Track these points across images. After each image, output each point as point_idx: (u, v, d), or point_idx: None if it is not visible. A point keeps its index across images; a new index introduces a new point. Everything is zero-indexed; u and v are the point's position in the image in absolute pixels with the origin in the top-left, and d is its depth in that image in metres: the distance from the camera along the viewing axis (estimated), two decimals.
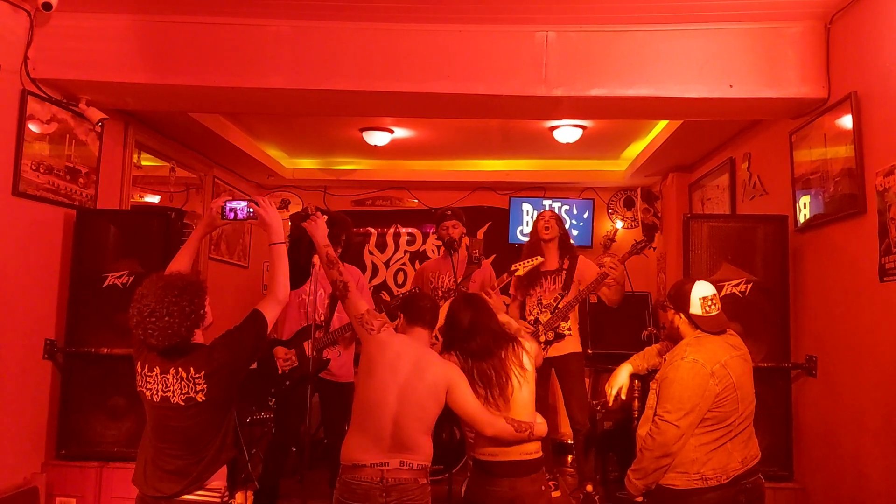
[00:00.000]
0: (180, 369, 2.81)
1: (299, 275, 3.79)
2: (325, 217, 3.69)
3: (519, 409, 3.59)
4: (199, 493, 2.82)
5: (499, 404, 3.48)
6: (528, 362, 3.65)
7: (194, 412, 2.81)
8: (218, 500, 2.87)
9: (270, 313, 3.00)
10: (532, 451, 3.60)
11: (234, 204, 3.19)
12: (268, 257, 3.18)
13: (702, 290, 3.34)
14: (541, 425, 3.59)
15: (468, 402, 3.41)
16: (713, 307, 3.33)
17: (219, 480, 2.89)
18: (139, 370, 2.88)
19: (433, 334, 3.70)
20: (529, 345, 3.75)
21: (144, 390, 2.86)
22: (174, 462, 2.83)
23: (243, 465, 5.58)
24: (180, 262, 3.17)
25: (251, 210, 3.16)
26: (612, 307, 5.15)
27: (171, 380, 2.81)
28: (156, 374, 2.83)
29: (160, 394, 2.82)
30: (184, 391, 2.80)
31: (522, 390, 3.60)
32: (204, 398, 2.79)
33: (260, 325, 2.95)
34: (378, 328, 3.45)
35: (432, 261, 5.99)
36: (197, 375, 2.79)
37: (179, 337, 2.76)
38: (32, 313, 4.43)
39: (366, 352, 3.47)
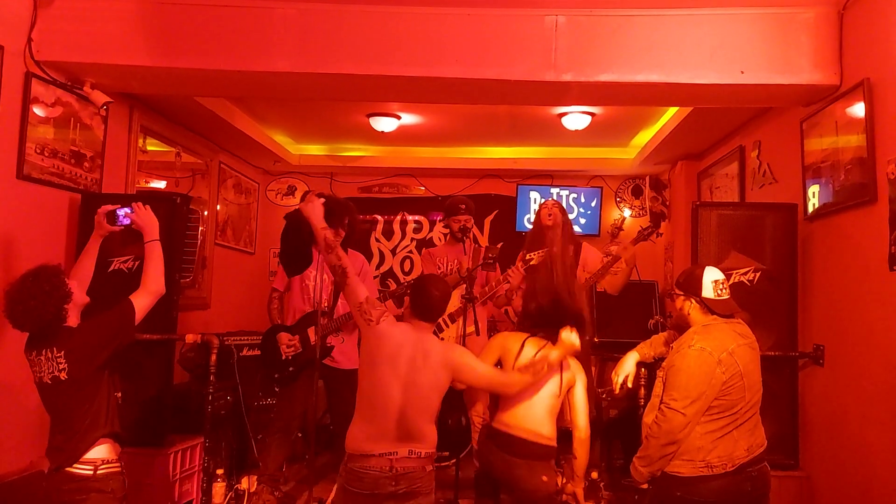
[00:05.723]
0: (47, 350, 3.05)
1: (301, 260, 3.75)
2: (322, 199, 3.66)
3: (534, 409, 3.64)
4: (74, 465, 3.04)
5: None
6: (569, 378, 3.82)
7: (60, 390, 3.05)
8: (89, 473, 3.05)
9: (141, 303, 3.22)
10: (546, 435, 3.62)
11: (121, 210, 3.57)
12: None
13: (714, 274, 3.35)
14: (548, 354, 3.67)
15: (480, 373, 3.48)
16: (725, 291, 3.34)
17: (96, 455, 3.08)
18: (29, 360, 3.11)
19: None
20: (580, 378, 3.89)
21: (35, 376, 3.10)
22: (57, 438, 3.10)
23: (249, 450, 5.60)
24: (81, 267, 3.47)
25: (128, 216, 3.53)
26: (615, 294, 5.12)
27: (43, 362, 3.05)
28: (33, 358, 3.06)
29: (38, 376, 3.09)
30: (51, 371, 3.04)
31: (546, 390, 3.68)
32: (66, 376, 3.02)
33: (126, 312, 3.17)
34: (377, 318, 3.40)
35: (440, 247, 5.98)
36: (58, 354, 3.03)
37: (50, 315, 3.01)
38: None
39: (365, 343, 3.44)
